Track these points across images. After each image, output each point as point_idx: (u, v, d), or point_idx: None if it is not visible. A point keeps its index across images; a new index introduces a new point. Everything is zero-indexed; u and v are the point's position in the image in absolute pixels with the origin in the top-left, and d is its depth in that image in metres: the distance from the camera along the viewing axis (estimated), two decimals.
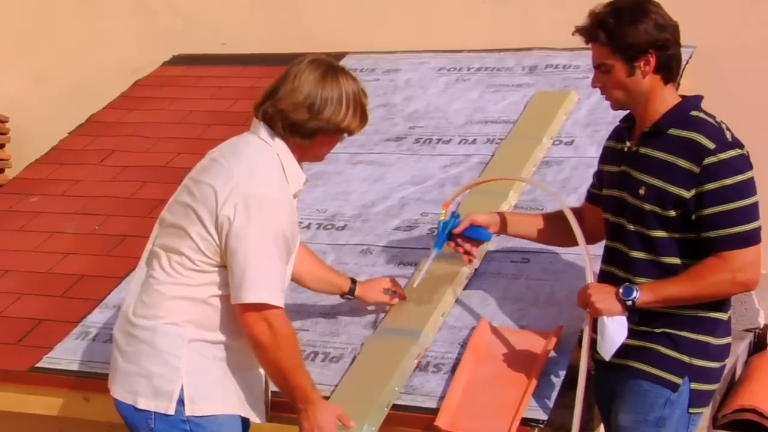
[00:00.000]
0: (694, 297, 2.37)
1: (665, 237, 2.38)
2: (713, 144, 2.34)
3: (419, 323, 2.82)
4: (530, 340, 2.63)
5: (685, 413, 2.42)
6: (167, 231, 2.40)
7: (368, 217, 3.44)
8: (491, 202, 3.10)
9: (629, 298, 2.36)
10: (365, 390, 2.63)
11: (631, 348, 2.43)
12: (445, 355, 2.77)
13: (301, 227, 3.46)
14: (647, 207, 2.39)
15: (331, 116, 2.37)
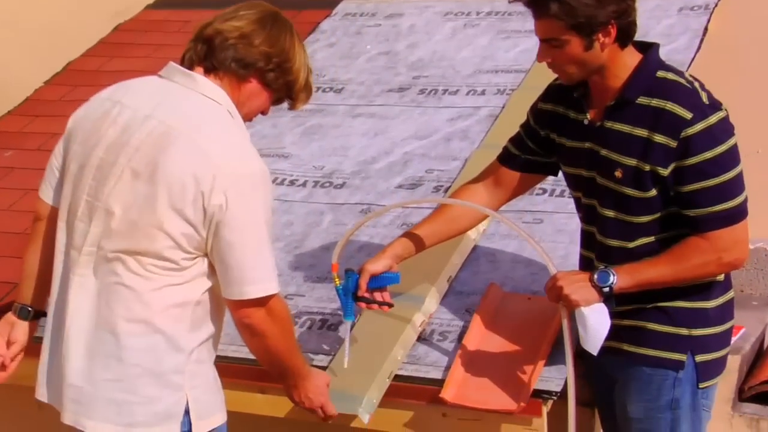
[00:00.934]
0: (676, 280, 2.32)
1: (648, 221, 2.33)
2: (690, 113, 2.24)
3: (423, 288, 2.83)
4: (543, 307, 2.62)
5: (696, 389, 2.40)
6: (123, 229, 2.15)
7: (369, 174, 3.44)
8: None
9: (606, 284, 2.29)
10: (366, 360, 2.64)
11: (623, 329, 2.39)
12: (451, 323, 2.78)
13: (296, 185, 3.46)
14: (628, 191, 2.31)
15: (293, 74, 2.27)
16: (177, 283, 2.18)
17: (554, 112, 2.49)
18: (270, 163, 3.58)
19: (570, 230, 2.96)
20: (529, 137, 2.56)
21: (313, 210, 3.32)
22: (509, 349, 2.63)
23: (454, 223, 2.60)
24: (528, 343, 2.61)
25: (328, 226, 3.22)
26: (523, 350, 2.61)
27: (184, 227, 2.13)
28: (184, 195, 2.11)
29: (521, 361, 2.57)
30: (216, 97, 2.22)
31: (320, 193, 3.40)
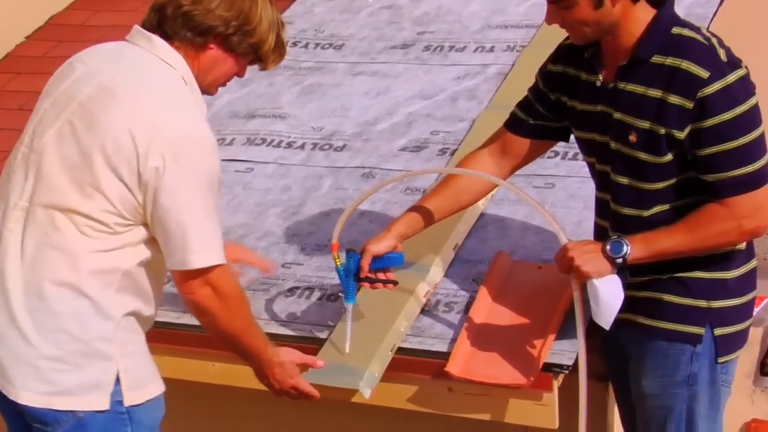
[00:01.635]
0: (693, 249, 2.31)
1: (664, 187, 2.33)
2: (707, 72, 2.23)
3: (428, 257, 2.83)
4: (554, 276, 2.62)
5: (715, 363, 2.40)
6: (55, 185, 2.15)
7: (370, 136, 3.43)
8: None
9: (619, 254, 2.29)
10: (367, 332, 2.65)
11: (637, 300, 2.39)
12: (457, 293, 2.79)
13: (294, 147, 3.46)
14: (642, 156, 2.31)
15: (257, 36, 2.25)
16: (108, 248, 2.17)
17: (565, 73, 2.47)
18: (266, 124, 3.58)
19: (584, 195, 2.96)
20: (539, 101, 2.54)
21: (311, 174, 3.32)
22: (518, 320, 2.64)
23: (461, 195, 2.60)
24: (538, 315, 2.62)
25: (328, 191, 3.22)
26: (533, 322, 2.61)
27: (120, 188, 2.13)
28: (120, 153, 2.12)
29: (531, 334, 2.58)
30: (172, 61, 2.22)
31: (319, 155, 3.39)
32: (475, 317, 2.66)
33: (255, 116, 3.62)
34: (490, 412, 2.56)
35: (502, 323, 2.64)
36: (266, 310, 2.84)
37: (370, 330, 2.65)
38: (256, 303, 2.85)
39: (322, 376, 2.58)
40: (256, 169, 3.40)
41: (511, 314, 2.66)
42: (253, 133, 3.54)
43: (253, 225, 3.17)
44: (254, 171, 3.39)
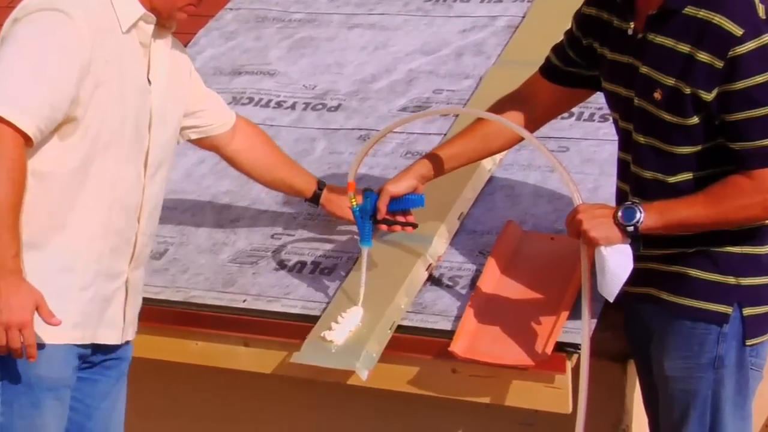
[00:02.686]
0: (713, 223, 2.31)
1: (689, 153, 2.32)
2: (741, 29, 2.21)
3: (431, 226, 2.83)
4: (568, 248, 2.63)
5: (743, 346, 2.39)
6: None
7: (367, 95, 3.42)
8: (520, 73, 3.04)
9: (630, 222, 2.30)
10: (364, 308, 2.66)
11: (661, 274, 2.40)
12: (462, 266, 2.79)
13: (284, 107, 3.44)
14: (666, 117, 2.30)
15: None
16: None
17: (598, 18, 2.47)
18: (253, 82, 3.57)
19: (600, 159, 2.95)
20: (571, 46, 2.54)
21: (303, 136, 3.31)
22: (529, 296, 2.64)
23: (491, 140, 2.60)
24: (550, 290, 2.62)
25: (321, 155, 3.21)
26: (544, 298, 2.62)
27: None
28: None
29: (542, 311, 2.58)
30: None
31: (312, 116, 3.38)
32: (481, 292, 2.66)
33: (241, 73, 3.61)
34: (497, 396, 2.57)
35: (511, 299, 2.65)
36: (253, 285, 2.84)
37: (367, 306, 2.66)
38: (242, 277, 2.85)
39: (316, 356, 2.59)
40: None
41: (520, 289, 2.66)
42: (239, 92, 3.52)
43: (239, 192, 3.16)
44: None
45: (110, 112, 2.36)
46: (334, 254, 2.89)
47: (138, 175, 2.44)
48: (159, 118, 2.46)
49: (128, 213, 2.43)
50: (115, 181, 2.39)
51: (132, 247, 2.45)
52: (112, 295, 2.43)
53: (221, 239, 3.01)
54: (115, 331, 2.46)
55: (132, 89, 2.40)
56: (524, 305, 2.63)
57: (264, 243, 2.97)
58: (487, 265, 2.72)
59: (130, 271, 2.47)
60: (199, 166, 3.29)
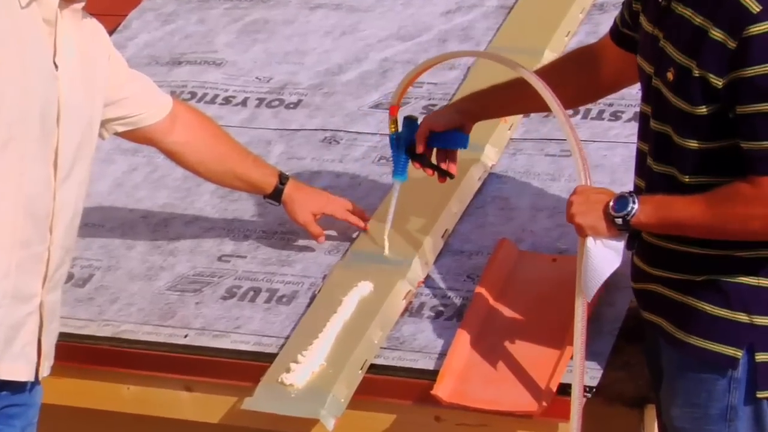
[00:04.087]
0: (709, 229, 2.31)
1: (700, 149, 2.32)
2: (759, 5, 2.20)
3: (409, 246, 2.84)
4: (573, 271, 2.61)
5: (754, 397, 2.36)
6: None
7: (333, 89, 3.43)
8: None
9: (620, 213, 2.34)
10: (330, 344, 2.66)
11: (668, 303, 2.42)
12: (447, 294, 2.79)
13: (233, 104, 3.44)
14: (673, 101, 2.32)
15: None
16: None
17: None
18: (196, 74, 3.57)
19: (611, 165, 2.97)
20: (626, 6, 2.58)
21: (256, 138, 3.31)
22: (527, 328, 2.65)
23: (529, 100, 2.62)
24: (553, 321, 2.62)
25: (279, 161, 3.21)
26: (546, 330, 2.62)
27: None
28: None
29: (544, 346, 2.59)
30: None
31: (266, 114, 3.39)
32: (470, 325, 2.66)
33: (181, 63, 3.61)
34: None
35: (505, 332, 2.65)
36: (196, 317, 2.83)
37: (334, 342, 2.66)
38: (183, 308, 2.84)
39: (273, 402, 2.58)
40: None
41: (517, 320, 2.67)
42: (179, 86, 3.52)
43: (180, 206, 3.16)
44: None
45: (8, 103, 2.32)
46: (295, 279, 2.89)
47: (47, 178, 2.40)
48: (70, 110, 2.42)
49: (37, 222, 2.40)
50: (20, 184, 2.36)
51: (44, 265, 2.43)
52: (22, 322, 2.40)
53: (158, 262, 3.00)
54: (26, 365, 2.42)
55: (35, 75, 2.36)
56: (522, 339, 2.63)
57: (210, 266, 2.96)
58: (477, 293, 2.73)
59: (45, 293, 2.44)
60: (131, 174, 3.27)
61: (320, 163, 3.19)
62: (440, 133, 2.72)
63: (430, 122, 2.74)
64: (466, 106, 2.76)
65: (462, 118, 2.72)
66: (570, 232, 2.75)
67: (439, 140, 2.73)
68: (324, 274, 2.87)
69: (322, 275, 2.87)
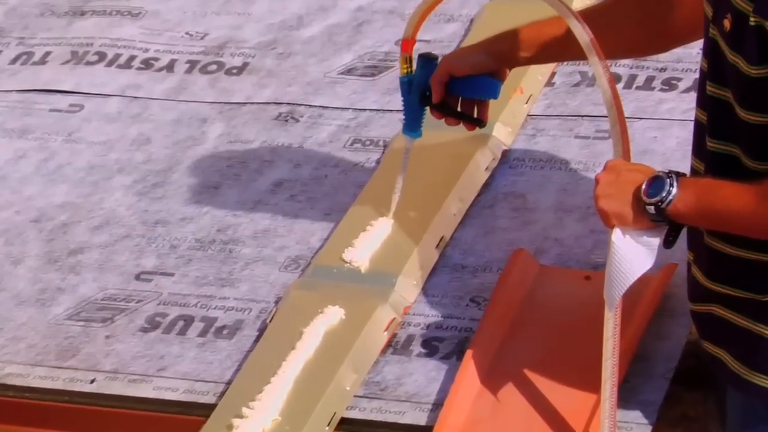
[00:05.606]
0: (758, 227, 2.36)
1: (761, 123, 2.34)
2: None
3: (394, 259, 2.86)
4: None
5: None
6: None
7: (290, 49, 3.46)
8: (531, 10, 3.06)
9: (653, 198, 2.37)
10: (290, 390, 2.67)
11: (730, 328, 2.46)
12: (444, 323, 2.80)
13: (155, 68, 3.46)
14: (730, 58, 2.37)
15: None
16: None
17: None
18: (105, 28, 3.58)
19: (664, 151, 3.00)
20: None
21: (187, 115, 3.34)
22: (551, 369, 2.66)
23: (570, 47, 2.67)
24: (586, 359, 2.62)
25: (217, 146, 3.24)
26: (576, 372, 2.64)
27: None
28: None
29: (573, 392, 2.60)
30: None
31: (201, 83, 3.41)
32: (475, 365, 2.67)
33: (85, 13, 3.63)
34: None
35: (522, 375, 2.66)
36: (107, 356, 2.84)
37: (294, 388, 2.66)
38: (89, 343, 2.85)
39: None
40: (88, 107, 3.41)
41: (538, 358, 2.68)
42: (82, 44, 3.54)
43: (84, 205, 3.17)
44: (85, 110, 3.40)
45: None
46: (239, 305, 2.90)
47: None
48: None
49: None
50: None
51: None
52: None
53: (55, 282, 3.01)
54: None
55: None
56: (544, 384, 2.65)
57: (125, 287, 2.97)
58: (483, 321, 2.74)
59: None
60: (17, 163, 3.29)
61: (273, 149, 3.21)
62: (462, 79, 2.76)
63: (450, 64, 2.78)
64: (498, 47, 2.77)
65: (493, 62, 2.76)
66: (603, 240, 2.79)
67: (461, 87, 2.77)
68: (278, 296, 2.89)
69: (276, 298, 2.89)
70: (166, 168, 3.22)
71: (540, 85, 3.19)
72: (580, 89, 3.14)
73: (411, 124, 2.83)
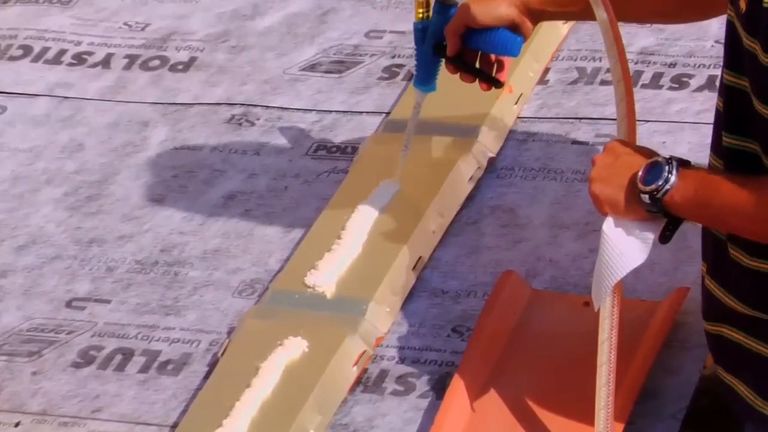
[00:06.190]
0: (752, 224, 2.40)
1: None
2: None
3: (364, 283, 2.86)
4: None
5: None
6: None
7: (244, 42, 3.47)
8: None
9: (649, 186, 2.41)
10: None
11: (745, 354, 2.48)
12: (422, 356, 2.80)
13: (88, 63, 3.47)
14: (746, 43, 2.40)
15: None
16: None
17: None
18: (31, 17, 3.58)
19: None
20: None
21: (126, 117, 3.34)
22: (545, 407, 2.67)
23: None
24: (585, 395, 2.62)
25: (161, 153, 3.25)
26: (575, 411, 2.64)
27: None
28: None
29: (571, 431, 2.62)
30: None
31: (142, 81, 3.42)
32: (458, 403, 2.68)
33: (8, 1, 3.62)
34: None
35: (510, 415, 2.67)
36: (33, 395, 2.83)
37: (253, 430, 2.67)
38: (12, 381, 2.85)
39: None
40: (11, 109, 3.41)
41: (530, 396, 2.69)
42: (5, 36, 3.55)
43: (7, 222, 3.17)
44: (8, 113, 3.41)
45: None
46: (186, 336, 2.90)
47: None
48: None
49: None
50: None
51: None
52: None
53: None
54: None
55: None
56: (535, 425, 2.65)
57: (54, 316, 2.96)
58: (467, 354, 2.74)
59: None
60: None
61: (224, 156, 3.21)
62: (481, 32, 2.78)
63: (467, 14, 2.80)
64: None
65: (515, 14, 2.77)
66: None
67: (478, 40, 2.80)
68: (231, 326, 2.88)
69: (228, 328, 2.88)
70: (101, 179, 3.21)
71: (531, 82, 3.19)
72: (577, 88, 3.14)
73: (423, 76, 2.88)
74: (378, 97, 3.26)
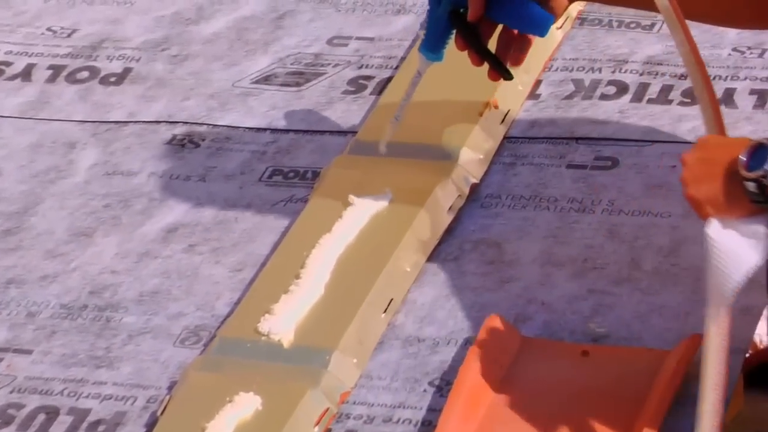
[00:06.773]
0: None
1: None
2: None
3: (326, 329, 2.86)
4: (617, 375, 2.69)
5: None
6: None
7: (187, 50, 3.49)
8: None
9: (755, 172, 2.42)
10: None
11: None
12: (395, 414, 2.79)
13: (6, 75, 3.52)
14: None
15: None
16: None
17: None
18: None
19: None
20: None
21: (50, 137, 3.35)
22: None
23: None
24: None
25: (90, 179, 3.25)
26: None
27: None
28: None
29: None
30: None
31: (68, 95, 3.43)
32: None
33: None
34: None
35: None
36: None
37: None
38: None
39: None
40: None
41: None
42: None
43: None
44: None
45: None
46: (120, 392, 2.88)
47: None
48: None
49: None
50: None
51: None
52: None
53: None
54: None
55: None
56: None
57: None
58: (446, 412, 2.72)
59: None
60: None
61: (165, 182, 3.20)
62: (508, 2, 2.82)
63: None
64: None
65: None
66: (612, 303, 2.83)
67: (501, 12, 2.83)
68: (173, 380, 2.87)
69: (170, 383, 2.86)
70: (21, 209, 3.21)
71: (521, 97, 3.20)
72: (573, 103, 3.14)
73: (432, 42, 2.89)
74: (342, 114, 3.26)
